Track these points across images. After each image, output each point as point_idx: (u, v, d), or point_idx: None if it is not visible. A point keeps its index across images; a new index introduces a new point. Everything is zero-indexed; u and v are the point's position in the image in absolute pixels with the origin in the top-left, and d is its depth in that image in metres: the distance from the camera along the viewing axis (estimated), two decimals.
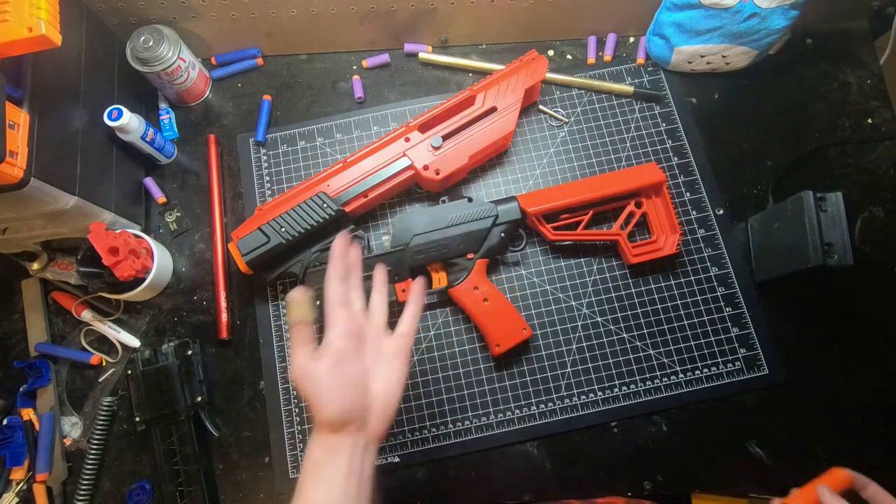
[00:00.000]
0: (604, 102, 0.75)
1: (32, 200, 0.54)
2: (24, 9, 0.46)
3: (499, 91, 0.68)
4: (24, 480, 0.62)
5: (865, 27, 0.78)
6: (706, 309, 0.66)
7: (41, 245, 0.66)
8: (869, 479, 0.44)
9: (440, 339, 0.66)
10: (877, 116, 0.74)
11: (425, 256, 0.63)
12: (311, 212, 0.63)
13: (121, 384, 0.66)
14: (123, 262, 0.60)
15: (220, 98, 0.77)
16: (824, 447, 0.62)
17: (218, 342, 0.67)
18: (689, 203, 0.70)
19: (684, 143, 0.73)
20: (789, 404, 0.63)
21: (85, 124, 0.62)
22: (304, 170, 0.73)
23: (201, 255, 0.70)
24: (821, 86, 0.75)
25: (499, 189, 0.72)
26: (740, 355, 0.65)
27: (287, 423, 0.64)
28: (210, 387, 0.65)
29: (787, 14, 0.65)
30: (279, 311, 0.68)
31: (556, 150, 0.73)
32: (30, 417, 0.63)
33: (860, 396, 0.64)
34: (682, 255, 0.68)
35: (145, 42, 0.67)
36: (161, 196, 0.72)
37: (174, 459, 0.60)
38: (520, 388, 0.64)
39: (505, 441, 0.63)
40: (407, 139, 0.67)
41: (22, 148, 0.51)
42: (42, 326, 0.67)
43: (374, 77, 0.78)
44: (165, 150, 0.72)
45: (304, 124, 0.75)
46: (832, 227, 0.58)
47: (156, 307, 0.69)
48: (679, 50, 0.72)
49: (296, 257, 0.64)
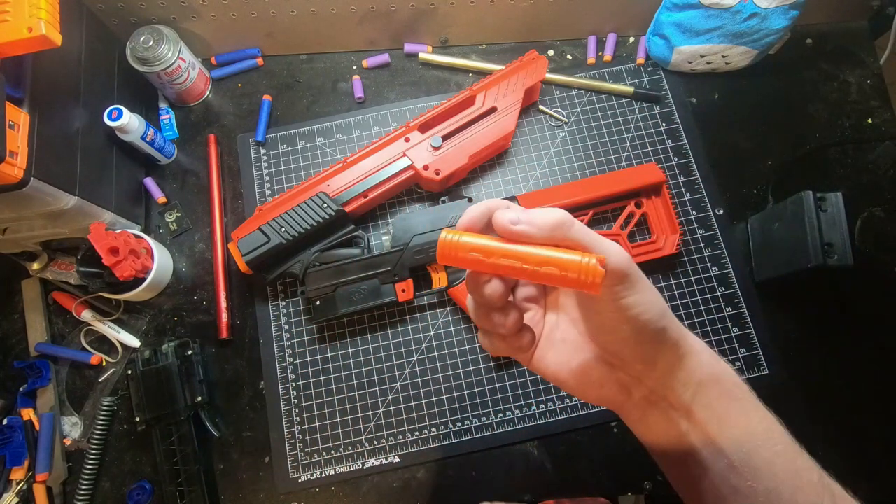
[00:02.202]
0: (604, 102, 0.75)
1: (32, 200, 0.54)
2: (24, 9, 0.46)
3: (499, 91, 0.68)
4: (24, 480, 0.62)
5: (865, 27, 0.78)
6: (706, 309, 0.66)
7: (41, 245, 0.66)
8: None
9: (440, 339, 0.66)
10: (877, 116, 0.74)
11: (425, 256, 0.63)
12: (311, 212, 0.63)
13: (121, 384, 0.66)
14: (123, 262, 0.60)
15: (220, 98, 0.77)
16: (824, 447, 0.62)
17: (218, 342, 0.67)
18: (689, 203, 0.70)
19: (684, 143, 0.73)
20: (789, 404, 0.63)
21: (85, 124, 0.62)
22: (304, 170, 0.73)
23: (201, 255, 0.70)
24: (821, 86, 0.75)
25: (499, 189, 0.72)
26: (740, 355, 0.65)
27: (287, 423, 0.64)
28: (210, 387, 0.65)
29: (787, 14, 0.65)
30: (279, 311, 0.68)
31: (556, 150, 0.73)
32: (30, 417, 0.63)
33: (860, 396, 0.64)
34: (682, 255, 0.68)
35: (145, 42, 0.67)
36: (161, 196, 0.72)
37: (174, 459, 0.60)
38: (520, 388, 0.64)
39: (505, 441, 0.63)
40: (407, 139, 0.67)
41: (22, 148, 0.51)
42: (42, 326, 0.67)
43: (374, 77, 0.78)
44: (165, 150, 0.72)
45: (304, 124, 0.75)
46: (832, 227, 0.58)
47: (156, 307, 0.69)
48: (679, 50, 0.72)
49: (296, 257, 0.64)
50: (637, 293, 0.27)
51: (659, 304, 0.28)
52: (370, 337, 0.66)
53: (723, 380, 0.31)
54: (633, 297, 0.27)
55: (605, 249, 0.26)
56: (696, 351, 0.31)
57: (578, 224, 0.26)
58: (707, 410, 0.30)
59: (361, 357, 0.66)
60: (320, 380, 0.65)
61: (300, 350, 0.66)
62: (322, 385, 0.65)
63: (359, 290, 0.63)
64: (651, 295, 0.28)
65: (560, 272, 0.25)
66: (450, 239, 0.26)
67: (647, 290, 0.28)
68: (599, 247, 0.26)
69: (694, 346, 0.31)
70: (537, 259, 0.25)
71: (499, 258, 0.25)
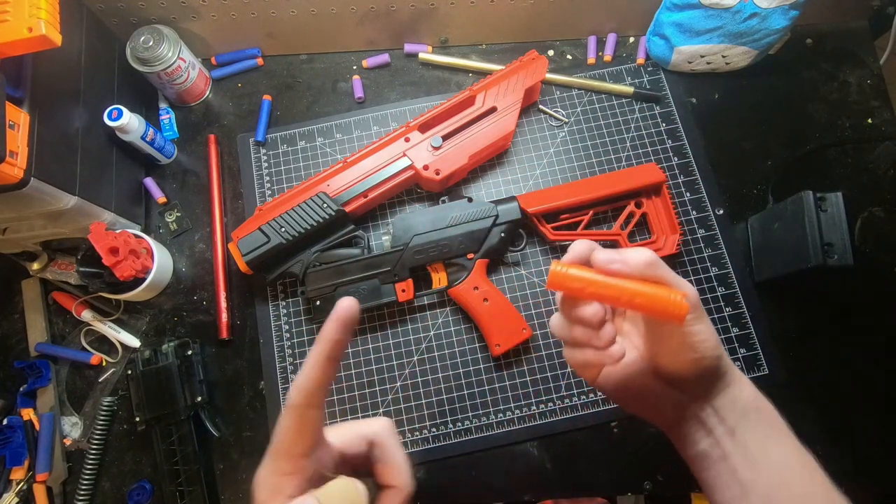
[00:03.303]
0: (604, 102, 0.75)
1: (32, 200, 0.54)
2: (24, 9, 0.46)
3: (499, 91, 0.68)
4: (24, 480, 0.62)
5: (865, 27, 0.78)
6: (706, 309, 0.66)
7: (41, 245, 0.66)
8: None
9: (440, 339, 0.66)
10: (877, 116, 0.74)
11: (425, 256, 0.63)
12: (311, 212, 0.63)
13: (121, 384, 0.66)
14: (123, 262, 0.60)
15: (220, 98, 0.77)
16: (824, 447, 0.62)
17: (218, 342, 0.67)
18: (689, 203, 0.70)
19: (684, 143, 0.73)
20: (789, 404, 0.63)
21: (85, 124, 0.62)
22: (304, 170, 0.73)
23: (201, 255, 0.70)
24: (821, 86, 0.75)
25: (499, 189, 0.72)
26: (740, 355, 0.65)
27: None
28: (210, 387, 0.65)
29: (787, 14, 0.65)
30: (279, 311, 0.68)
31: (556, 150, 0.73)
32: (30, 417, 0.63)
33: (860, 396, 0.64)
34: (682, 255, 0.68)
35: (145, 42, 0.67)
36: (161, 196, 0.72)
37: (174, 459, 0.60)
38: (520, 388, 0.64)
39: (505, 441, 0.63)
40: (407, 139, 0.67)
41: (22, 148, 0.51)
42: (42, 326, 0.67)
43: (374, 77, 0.78)
44: (165, 150, 0.72)
45: (304, 124, 0.75)
46: (832, 227, 0.58)
47: (156, 307, 0.69)
48: (679, 50, 0.72)
49: (296, 257, 0.64)
50: (702, 324, 0.33)
51: (715, 336, 0.34)
52: (370, 337, 0.66)
53: (763, 410, 0.36)
54: (699, 327, 0.32)
55: (683, 286, 0.32)
56: (742, 380, 0.36)
57: (663, 264, 0.32)
58: (750, 434, 0.35)
59: (361, 357, 0.66)
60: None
61: (300, 350, 0.66)
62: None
63: (359, 290, 0.63)
64: (711, 327, 0.33)
65: (651, 304, 0.31)
66: (561, 271, 0.32)
67: (708, 322, 0.33)
68: (679, 283, 0.32)
69: (739, 376, 0.36)
70: (632, 291, 0.31)
71: (599, 288, 0.31)
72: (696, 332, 0.32)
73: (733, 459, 0.34)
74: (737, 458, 0.34)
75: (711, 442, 0.36)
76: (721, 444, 0.35)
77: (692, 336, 0.32)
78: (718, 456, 0.35)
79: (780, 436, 0.35)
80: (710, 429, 0.36)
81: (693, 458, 0.37)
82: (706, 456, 0.36)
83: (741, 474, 0.34)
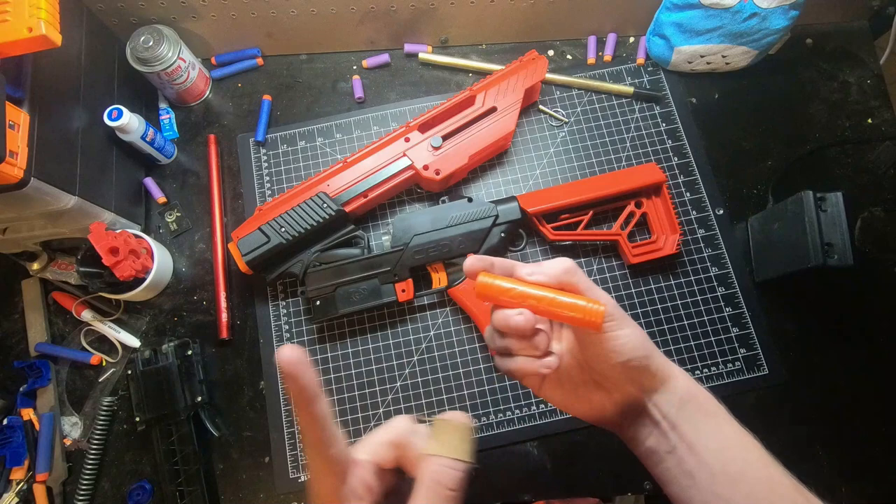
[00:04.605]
0: (604, 102, 0.75)
1: (32, 200, 0.54)
2: (24, 9, 0.46)
3: (499, 91, 0.68)
4: (24, 480, 0.62)
5: (865, 27, 0.78)
6: (706, 309, 0.66)
7: (41, 245, 0.66)
8: None
9: (440, 339, 0.66)
10: (877, 116, 0.74)
11: (425, 256, 0.63)
12: (311, 212, 0.63)
13: (121, 384, 0.66)
14: (123, 262, 0.60)
15: (220, 98, 0.77)
16: (824, 447, 0.62)
17: (218, 342, 0.67)
18: (689, 203, 0.70)
19: (684, 143, 0.73)
20: (789, 404, 0.64)
21: (85, 124, 0.62)
22: (304, 170, 0.73)
23: (201, 255, 0.70)
24: (821, 86, 0.75)
25: (499, 189, 0.72)
26: (740, 355, 0.65)
27: (287, 423, 0.64)
28: (210, 387, 0.65)
29: (787, 14, 0.65)
30: (279, 311, 0.68)
31: (556, 150, 0.73)
32: (30, 417, 0.63)
33: (860, 396, 0.64)
34: (682, 255, 0.68)
35: (145, 42, 0.67)
36: (161, 196, 0.72)
37: (174, 459, 0.60)
38: (520, 387, 0.64)
39: (505, 441, 0.63)
40: (407, 139, 0.67)
41: (22, 148, 0.51)
42: (42, 326, 0.67)
43: (374, 77, 0.78)
44: (165, 150, 0.72)
45: (304, 124, 0.75)
46: (832, 227, 0.58)
47: (156, 307, 0.69)
48: (679, 50, 0.72)
49: (296, 257, 0.64)
50: (624, 329, 0.34)
51: (641, 335, 0.35)
52: (370, 337, 0.66)
53: (699, 398, 0.37)
54: (620, 332, 0.34)
55: (599, 295, 0.34)
56: (676, 374, 0.38)
57: (581, 272, 0.34)
58: (689, 424, 0.36)
59: (361, 357, 0.66)
60: (320, 380, 0.65)
61: None
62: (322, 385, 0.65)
63: (359, 290, 0.63)
64: (634, 329, 0.35)
65: (569, 311, 0.32)
66: (487, 281, 0.34)
67: (631, 325, 0.35)
68: (594, 292, 0.34)
69: (673, 371, 0.38)
70: (550, 300, 0.33)
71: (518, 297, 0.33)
72: (617, 337, 0.34)
73: (679, 451, 0.36)
74: (682, 450, 0.36)
75: (657, 438, 0.37)
76: (667, 437, 0.37)
77: (615, 340, 0.34)
78: (665, 450, 0.37)
79: (718, 421, 0.37)
80: (653, 425, 0.37)
81: (644, 456, 0.39)
82: (654, 451, 0.37)
83: (687, 464, 0.36)
